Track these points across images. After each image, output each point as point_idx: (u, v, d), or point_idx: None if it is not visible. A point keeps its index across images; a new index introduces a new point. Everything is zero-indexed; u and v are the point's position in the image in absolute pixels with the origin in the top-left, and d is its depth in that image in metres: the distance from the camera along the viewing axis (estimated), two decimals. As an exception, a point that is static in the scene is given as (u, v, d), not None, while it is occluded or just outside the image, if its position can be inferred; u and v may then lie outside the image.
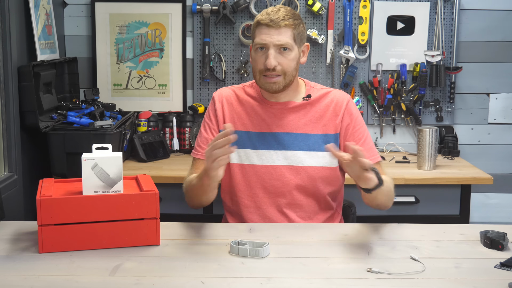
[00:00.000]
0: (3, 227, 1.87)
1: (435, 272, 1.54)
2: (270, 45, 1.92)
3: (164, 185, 2.49)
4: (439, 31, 3.25)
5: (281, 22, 1.91)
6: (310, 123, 2.03)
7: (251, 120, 2.05)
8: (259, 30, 1.94)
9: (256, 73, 1.98)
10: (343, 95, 2.07)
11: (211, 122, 2.09)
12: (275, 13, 1.93)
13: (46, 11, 2.88)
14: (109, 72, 3.27)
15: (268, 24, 1.92)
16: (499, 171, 3.34)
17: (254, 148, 2.04)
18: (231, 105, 2.08)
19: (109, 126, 2.62)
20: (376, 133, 3.35)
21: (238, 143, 2.01)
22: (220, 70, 3.28)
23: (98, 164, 1.68)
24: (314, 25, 3.24)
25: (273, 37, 1.92)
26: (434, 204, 2.83)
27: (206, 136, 2.08)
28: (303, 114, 2.04)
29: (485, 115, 3.36)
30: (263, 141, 2.03)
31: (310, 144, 2.02)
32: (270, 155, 2.03)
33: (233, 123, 2.04)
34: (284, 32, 1.92)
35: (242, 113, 2.06)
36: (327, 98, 2.05)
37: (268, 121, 2.04)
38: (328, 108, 2.04)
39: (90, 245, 1.66)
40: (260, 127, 2.04)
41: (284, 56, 1.94)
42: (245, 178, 2.04)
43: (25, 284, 1.46)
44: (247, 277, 1.51)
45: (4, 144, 2.40)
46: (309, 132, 2.02)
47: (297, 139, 2.02)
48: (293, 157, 2.02)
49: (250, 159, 2.03)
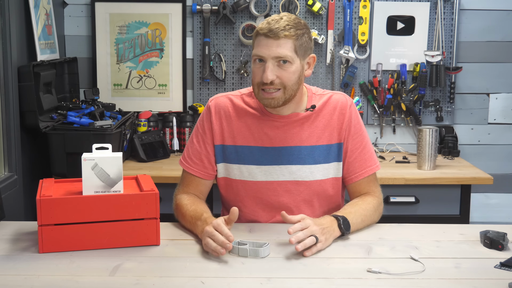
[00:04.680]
0: (3, 227, 1.87)
1: (435, 272, 1.54)
2: (268, 58, 1.78)
3: (164, 185, 2.49)
4: (439, 31, 3.25)
5: (281, 32, 1.77)
6: (315, 133, 1.93)
7: (252, 134, 1.92)
8: (258, 41, 1.81)
9: (255, 86, 1.84)
10: (345, 100, 1.95)
11: (205, 135, 1.96)
12: (276, 22, 1.79)
13: (46, 11, 2.88)
14: (109, 72, 3.28)
15: (266, 35, 1.78)
16: (499, 171, 3.34)
17: (257, 164, 1.93)
18: (229, 119, 1.94)
19: (109, 126, 2.62)
20: (376, 133, 3.35)
21: (240, 159, 1.94)
22: (220, 70, 3.28)
23: (98, 164, 1.68)
24: (314, 25, 3.24)
25: (271, 49, 1.77)
26: (434, 204, 2.83)
27: (198, 149, 1.96)
28: (307, 126, 1.92)
29: (485, 115, 3.36)
30: (267, 156, 1.92)
31: (316, 156, 1.93)
32: (275, 171, 1.92)
33: (233, 138, 1.94)
34: (283, 44, 1.78)
35: (242, 126, 1.93)
36: (330, 104, 1.94)
37: (270, 134, 1.91)
38: (331, 117, 1.93)
39: (90, 245, 1.66)
40: (262, 142, 1.92)
41: (283, 69, 1.79)
42: (247, 194, 1.95)
43: (25, 284, 1.46)
44: (247, 277, 1.51)
45: (4, 144, 2.40)
46: (314, 144, 1.92)
47: (302, 152, 1.92)
48: (298, 172, 1.92)
49: (254, 176, 1.93)
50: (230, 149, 1.95)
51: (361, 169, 1.95)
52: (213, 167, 1.98)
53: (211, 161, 1.97)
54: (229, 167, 1.96)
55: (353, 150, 1.95)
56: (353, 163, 1.95)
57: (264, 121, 1.93)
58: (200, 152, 1.97)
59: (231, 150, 1.94)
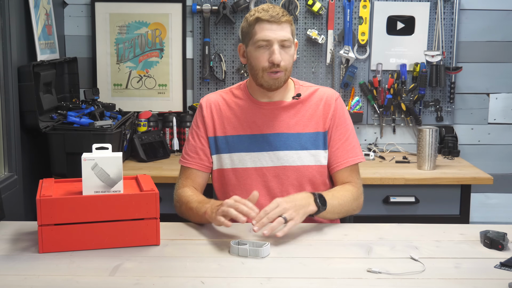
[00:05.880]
0: (3, 227, 1.87)
1: (435, 272, 1.54)
2: (274, 41, 1.89)
3: (164, 185, 2.49)
4: (439, 31, 3.25)
5: (282, 17, 1.89)
6: (301, 122, 2.02)
7: (241, 123, 2.02)
8: (260, 26, 1.90)
9: (259, 71, 1.93)
10: (332, 93, 2.06)
11: (198, 129, 2.06)
12: (272, 9, 1.91)
13: (46, 11, 2.88)
14: (109, 72, 3.28)
15: (269, 20, 1.89)
16: (499, 171, 3.34)
17: (246, 151, 2.01)
18: (219, 111, 2.04)
19: (109, 126, 2.62)
20: (376, 133, 3.35)
21: (230, 148, 2.03)
22: (220, 70, 3.28)
23: (98, 164, 1.68)
24: (314, 25, 3.24)
25: (276, 33, 1.89)
26: (434, 204, 2.83)
27: (193, 144, 2.05)
28: (293, 113, 2.02)
29: (485, 115, 3.36)
30: (255, 143, 2.01)
31: (302, 143, 2.01)
32: (263, 157, 2.01)
33: (223, 129, 2.03)
34: (285, 28, 1.90)
35: (231, 117, 2.03)
36: (316, 96, 2.05)
37: (258, 122, 2.01)
38: (318, 106, 2.03)
39: (90, 245, 1.66)
40: (251, 130, 2.01)
41: (285, 52, 1.91)
42: (239, 182, 2.02)
43: (25, 284, 1.46)
44: (247, 277, 1.51)
45: (4, 144, 2.40)
46: (300, 131, 2.01)
47: (289, 139, 2.01)
48: (286, 157, 2.00)
49: (244, 163, 2.01)
50: (221, 139, 2.03)
51: (343, 158, 2.03)
52: (209, 159, 2.06)
53: (206, 154, 2.05)
54: (222, 158, 2.04)
55: (336, 140, 2.03)
56: (336, 152, 2.03)
57: (252, 109, 2.02)
58: (196, 146, 2.05)
59: (222, 140, 2.03)
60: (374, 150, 3.24)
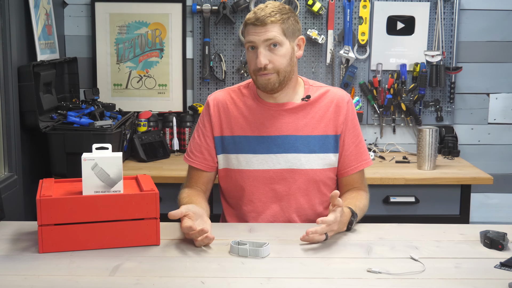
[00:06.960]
0: (3, 227, 1.87)
1: (435, 272, 1.54)
2: (259, 43, 1.87)
3: (164, 185, 2.49)
4: (439, 31, 3.25)
5: (267, 19, 1.87)
6: (310, 124, 1.99)
7: (249, 124, 2.00)
8: (247, 30, 1.91)
9: (252, 74, 1.94)
10: (343, 94, 2.02)
11: (204, 128, 2.04)
12: (261, 10, 1.89)
13: (46, 11, 2.88)
14: (109, 72, 3.28)
15: (254, 23, 1.88)
16: (499, 171, 3.34)
17: (253, 153, 1.99)
18: (227, 110, 2.02)
19: (109, 126, 2.62)
20: (376, 133, 3.35)
21: (237, 149, 2.01)
22: (220, 70, 3.28)
23: (98, 164, 1.68)
24: (314, 25, 3.24)
25: (260, 35, 1.87)
26: (434, 204, 2.83)
27: (199, 142, 2.04)
28: (302, 115, 1.99)
29: (485, 115, 3.36)
30: (263, 145, 1.98)
31: (311, 146, 1.98)
32: (271, 159, 1.98)
33: (231, 129, 2.01)
34: (272, 28, 1.87)
35: (239, 117, 2.01)
36: (327, 97, 2.01)
37: (266, 124, 1.99)
38: (328, 109, 2.00)
39: (90, 245, 1.66)
40: (259, 131, 1.99)
41: (274, 53, 1.88)
42: (246, 184, 2.00)
43: (25, 284, 1.46)
44: (247, 277, 1.51)
45: (4, 144, 2.40)
46: (309, 134, 1.98)
47: (298, 141, 1.98)
48: (294, 160, 1.98)
49: (250, 164, 1.99)
50: (228, 139, 2.02)
51: (356, 162, 2.02)
52: (214, 159, 2.04)
53: (211, 153, 2.04)
54: (228, 158, 2.02)
55: (349, 143, 2.01)
56: (349, 156, 2.02)
57: (260, 110, 2.00)
58: (201, 145, 2.04)
59: (229, 140, 2.01)
60: (374, 150, 3.24)
